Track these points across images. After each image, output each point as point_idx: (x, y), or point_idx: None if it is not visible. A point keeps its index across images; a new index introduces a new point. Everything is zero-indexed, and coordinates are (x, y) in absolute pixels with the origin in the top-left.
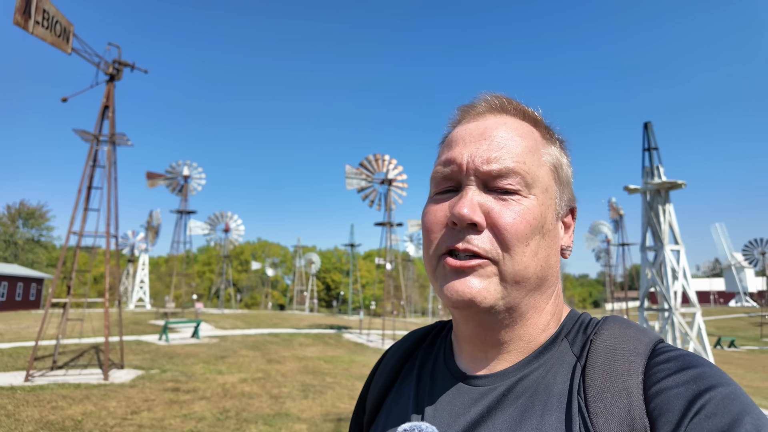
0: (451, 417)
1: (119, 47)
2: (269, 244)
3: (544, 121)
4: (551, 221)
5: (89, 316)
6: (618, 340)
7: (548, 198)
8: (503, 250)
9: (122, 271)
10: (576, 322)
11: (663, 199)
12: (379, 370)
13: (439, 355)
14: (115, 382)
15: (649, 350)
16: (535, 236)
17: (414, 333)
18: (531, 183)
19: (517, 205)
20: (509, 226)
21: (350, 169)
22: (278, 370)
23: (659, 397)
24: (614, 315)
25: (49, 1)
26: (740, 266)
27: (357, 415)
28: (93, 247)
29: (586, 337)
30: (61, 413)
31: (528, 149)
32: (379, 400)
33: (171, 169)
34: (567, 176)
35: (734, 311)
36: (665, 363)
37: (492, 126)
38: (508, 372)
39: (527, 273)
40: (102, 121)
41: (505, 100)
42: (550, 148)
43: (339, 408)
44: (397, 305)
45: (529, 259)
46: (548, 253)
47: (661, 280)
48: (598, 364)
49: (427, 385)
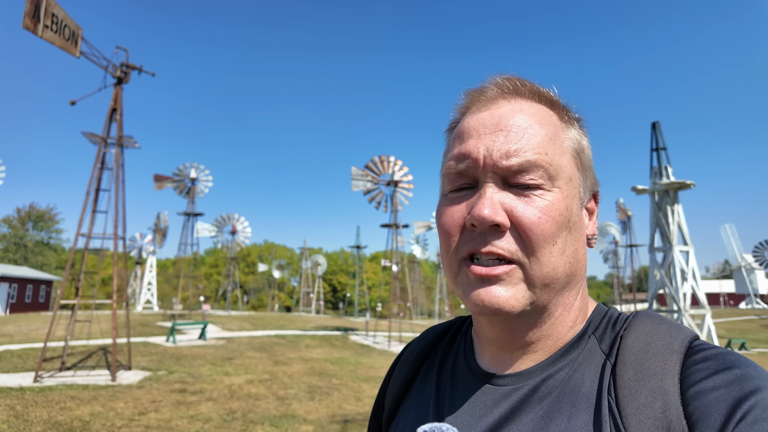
0: (473, 418)
1: (127, 50)
2: (276, 246)
3: (561, 101)
4: (576, 212)
5: (97, 317)
6: (651, 336)
7: (572, 188)
8: (530, 251)
9: (130, 274)
10: (604, 317)
11: (671, 200)
12: (397, 368)
13: (459, 353)
14: (122, 383)
15: (685, 347)
16: (562, 233)
17: (433, 329)
18: (554, 175)
19: (541, 201)
20: (535, 226)
21: (356, 171)
22: (285, 372)
23: (699, 399)
24: (645, 310)
25: (58, 6)
26: (750, 268)
27: (376, 414)
28: (101, 249)
29: (615, 333)
30: (70, 414)
31: (548, 137)
32: (398, 398)
33: (178, 172)
34: (589, 159)
35: (744, 313)
36: (704, 362)
37: (507, 114)
38: (533, 371)
39: (556, 274)
40: (110, 124)
41: (518, 81)
42: (570, 132)
43: (345, 410)
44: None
45: (557, 258)
46: (576, 248)
47: (670, 282)
48: (630, 362)
49: (447, 384)
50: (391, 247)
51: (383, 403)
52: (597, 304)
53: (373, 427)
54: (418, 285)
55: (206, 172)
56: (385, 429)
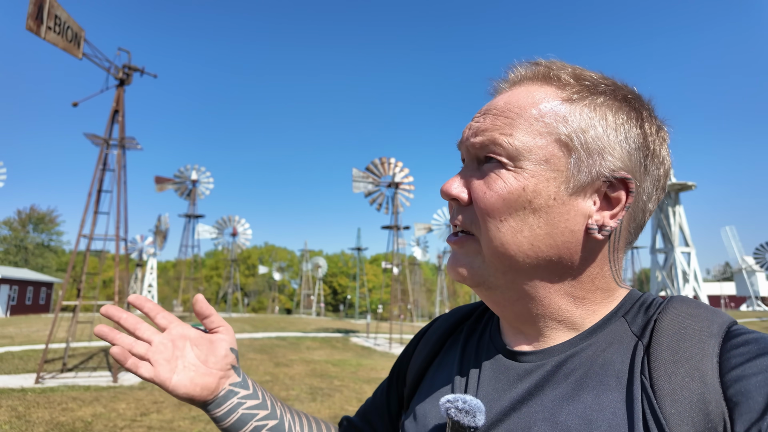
0: (497, 392)
1: (129, 52)
2: (276, 249)
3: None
4: (553, 196)
5: (98, 319)
6: (687, 319)
7: (548, 170)
8: (478, 225)
9: (131, 275)
10: (637, 301)
11: (673, 201)
12: (422, 342)
13: (485, 331)
14: (124, 384)
15: (724, 331)
16: (515, 213)
17: (461, 308)
18: (516, 155)
19: (494, 178)
20: (479, 200)
21: (357, 173)
22: (286, 373)
23: (740, 383)
24: (680, 295)
25: (61, 7)
26: (751, 270)
27: (390, 382)
28: (102, 251)
29: (648, 316)
30: (72, 415)
31: (524, 118)
32: (421, 370)
33: (179, 174)
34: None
35: (746, 315)
36: (744, 346)
37: (497, 99)
38: (557, 349)
39: (506, 250)
40: (112, 125)
41: (531, 65)
42: (574, 113)
43: (347, 411)
44: (404, 309)
45: (507, 236)
46: (548, 231)
47: (671, 283)
48: (666, 344)
49: (471, 359)
50: (392, 249)
51: (402, 375)
52: (631, 289)
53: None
54: (418, 287)
55: (207, 174)
56: (407, 400)
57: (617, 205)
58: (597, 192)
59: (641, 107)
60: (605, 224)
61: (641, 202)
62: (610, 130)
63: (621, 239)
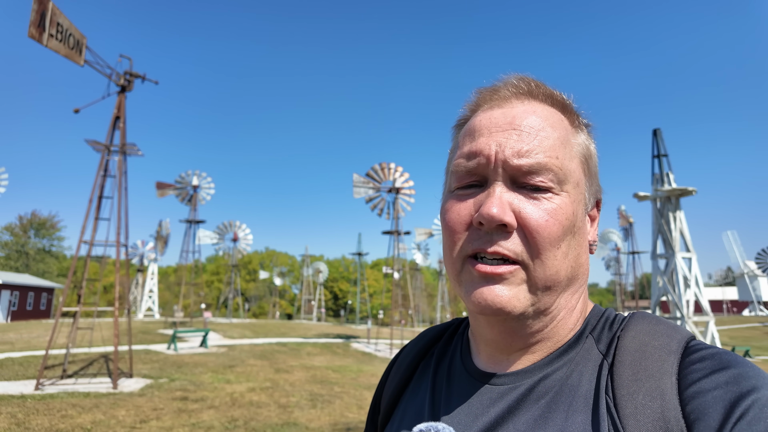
0: (469, 417)
1: (130, 59)
2: (277, 254)
3: (572, 105)
4: (581, 218)
5: (99, 325)
6: (648, 336)
7: (579, 193)
8: (535, 254)
9: (132, 281)
10: (601, 317)
11: (674, 206)
12: (394, 369)
13: (456, 353)
14: (124, 390)
15: (682, 347)
16: (567, 237)
17: (430, 330)
18: (563, 179)
19: (549, 204)
20: (542, 229)
21: (358, 178)
22: (286, 380)
23: (697, 399)
24: (641, 311)
25: (63, 15)
26: (753, 275)
27: (372, 416)
28: (103, 256)
29: (612, 333)
30: (71, 422)
31: (560, 141)
32: (394, 398)
33: (180, 179)
34: (595, 166)
35: (748, 320)
36: (701, 362)
37: (521, 114)
38: (530, 371)
39: (559, 277)
40: (113, 132)
41: (532, 83)
42: (579, 137)
43: (347, 417)
44: (405, 314)
45: (560, 262)
46: (578, 252)
47: (673, 289)
48: (628, 362)
49: (443, 383)
50: (393, 254)
51: (379, 404)
52: (594, 305)
53: (370, 429)
54: (419, 292)
55: (208, 180)
56: (381, 429)
57: (594, 221)
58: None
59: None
60: (595, 239)
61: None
62: (595, 156)
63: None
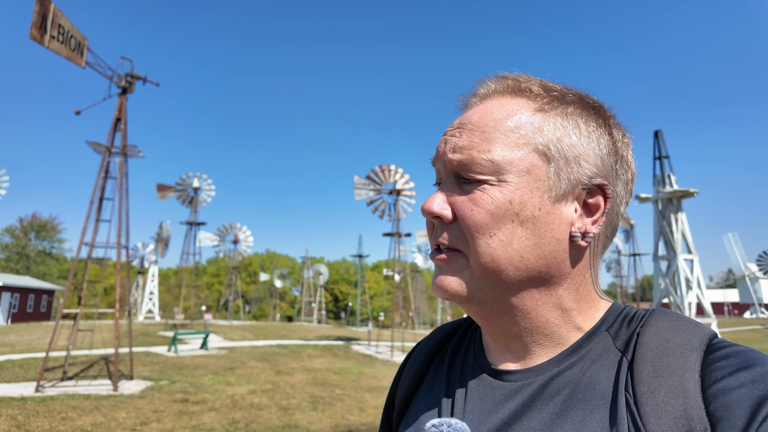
0: (483, 413)
1: (132, 61)
2: (277, 256)
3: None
4: (536, 205)
5: (99, 327)
6: (669, 333)
7: (531, 181)
8: (467, 241)
9: (132, 283)
10: (619, 315)
11: (675, 208)
12: (408, 366)
13: (469, 350)
14: (124, 393)
15: (705, 345)
16: (503, 225)
17: (443, 327)
18: (499, 169)
19: (479, 194)
20: (467, 217)
21: (359, 180)
22: (287, 382)
23: (721, 397)
24: (661, 307)
25: (65, 17)
26: (754, 277)
27: (387, 413)
28: (104, 258)
29: (631, 330)
30: (71, 424)
31: (500, 131)
32: (408, 395)
33: (181, 181)
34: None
35: (749, 323)
36: (725, 359)
37: (470, 113)
38: (542, 367)
39: (497, 265)
40: (114, 133)
41: (499, 79)
42: (548, 123)
43: (348, 420)
44: (406, 317)
45: (497, 250)
46: (536, 242)
47: (674, 291)
48: (648, 359)
49: (456, 379)
50: (394, 256)
51: (394, 401)
52: (613, 302)
53: (385, 426)
54: (420, 294)
55: (209, 182)
56: (396, 426)
57: (597, 212)
58: (577, 199)
59: (607, 114)
60: (588, 231)
61: (615, 206)
62: (583, 137)
63: (600, 244)
